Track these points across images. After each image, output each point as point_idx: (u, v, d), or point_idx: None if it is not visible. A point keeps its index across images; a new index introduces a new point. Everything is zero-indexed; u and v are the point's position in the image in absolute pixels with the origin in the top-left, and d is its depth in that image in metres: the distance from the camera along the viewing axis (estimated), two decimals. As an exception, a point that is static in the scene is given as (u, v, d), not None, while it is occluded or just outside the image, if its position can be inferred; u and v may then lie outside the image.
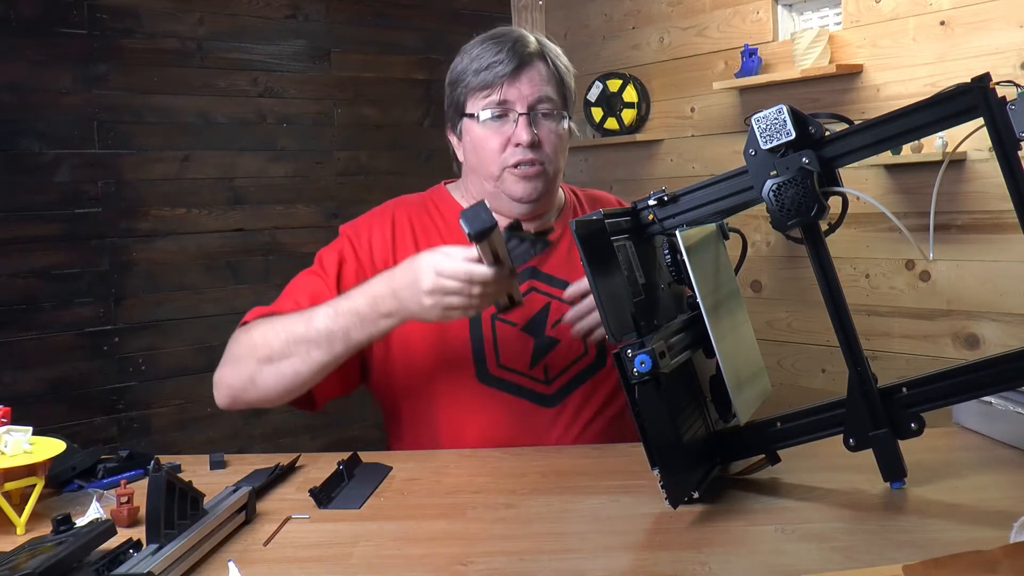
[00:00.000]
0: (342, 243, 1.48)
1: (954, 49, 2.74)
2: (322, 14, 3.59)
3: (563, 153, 1.47)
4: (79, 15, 3.03)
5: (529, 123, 1.41)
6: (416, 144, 3.80)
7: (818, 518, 1.05)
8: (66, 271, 3.02)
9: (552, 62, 1.44)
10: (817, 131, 1.06)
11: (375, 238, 1.47)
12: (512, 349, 1.42)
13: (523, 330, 1.44)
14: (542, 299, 1.46)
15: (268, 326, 1.32)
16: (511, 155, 1.42)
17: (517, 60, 1.41)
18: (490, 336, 1.42)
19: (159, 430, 3.20)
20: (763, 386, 1.23)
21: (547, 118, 1.43)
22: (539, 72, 1.42)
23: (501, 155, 1.42)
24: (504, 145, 1.42)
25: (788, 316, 3.27)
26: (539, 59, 1.43)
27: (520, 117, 1.41)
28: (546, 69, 1.43)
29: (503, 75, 1.40)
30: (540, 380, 1.42)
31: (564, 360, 1.43)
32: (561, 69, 1.45)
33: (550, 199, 1.49)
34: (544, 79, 1.43)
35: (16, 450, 1.11)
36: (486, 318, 1.43)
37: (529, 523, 1.07)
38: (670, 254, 1.16)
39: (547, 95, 1.42)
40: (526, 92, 1.41)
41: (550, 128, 1.43)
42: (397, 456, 1.35)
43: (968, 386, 1.07)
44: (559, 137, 1.44)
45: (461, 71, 1.45)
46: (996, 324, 2.72)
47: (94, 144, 3.08)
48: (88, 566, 0.87)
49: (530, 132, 1.40)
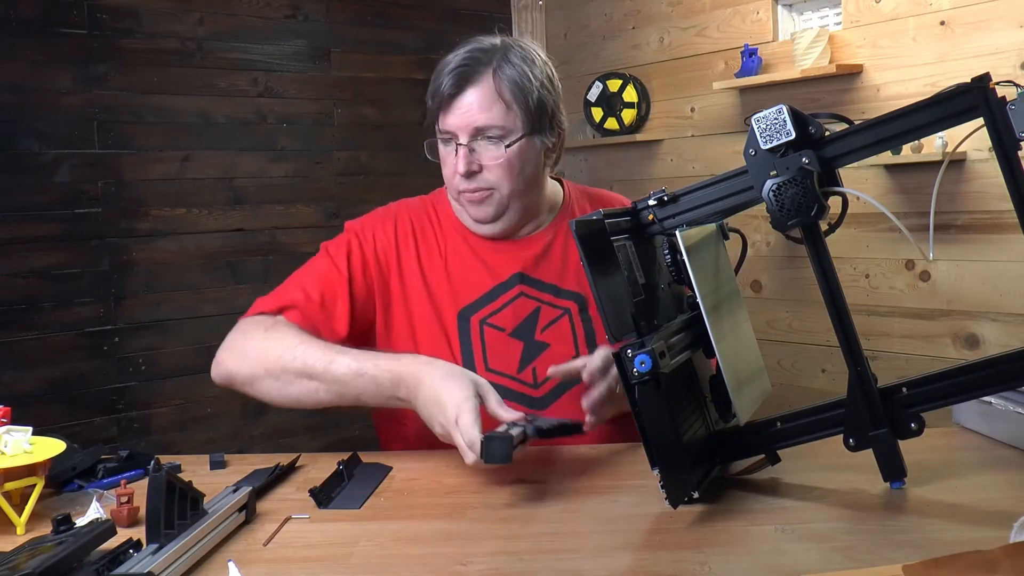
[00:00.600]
0: (348, 238, 1.49)
1: (954, 49, 2.74)
2: (322, 14, 3.59)
3: (519, 173, 1.42)
4: (79, 15, 3.03)
5: (468, 152, 1.39)
6: (416, 144, 3.72)
7: (818, 518, 1.05)
8: (66, 271, 3.02)
9: (504, 77, 1.38)
10: (817, 131, 1.06)
11: (379, 238, 1.49)
12: (500, 353, 1.42)
13: (511, 335, 1.44)
14: (531, 304, 1.46)
15: (288, 342, 1.33)
16: (458, 182, 1.42)
17: (455, 84, 1.38)
18: (478, 340, 1.43)
19: (159, 430, 3.20)
20: (763, 386, 1.23)
21: (490, 142, 1.40)
22: (478, 96, 1.38)
23: (453, 180, 1.44)
24: (454, 170, 1.42)
25: (788, 316, 3.27)
26: (483, 80, 1.38)
27: (459, 148, 1.40)
28: (489, 89, 1.38)
29: (441, 103, 1.40)
30: (528, 384, 1.42)
31: (554, 364, 1.42)
32: (522, 84, 1.39)
33: (516, 216, 1.46)
34: (485, 102, 1.38)
35: (16, 450, 1.11)
36: (475, 322, 1.44)
37: (529, 523, 1.07)
38: (670, 254, 1.16)
39: (486, 123, 1.38)
40: (462, 121, 1.39)
41: (494, 154, 1.40)
42: (397, 456, 1.35)
43: (968, 386, 1.07)
44: (507, 161, 1.40)
45: (430, 85, 1.44)
46: (996, 324, 2.72)
47: (94, 144, 3.08)
48: (88, 566, 0.87)
49: (467, 163, 1.39)
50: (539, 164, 1.46)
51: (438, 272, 1.47)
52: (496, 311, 1.45)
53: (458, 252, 1.48)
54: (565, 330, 1.44)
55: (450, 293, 1.46)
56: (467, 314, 1.44)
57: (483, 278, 1.47)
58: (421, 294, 1.46)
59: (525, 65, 1.40)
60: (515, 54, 1.41)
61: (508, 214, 1.45)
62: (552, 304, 1.46)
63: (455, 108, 1.39)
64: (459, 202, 1.47)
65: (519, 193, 1.44)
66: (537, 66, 1.42)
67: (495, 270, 1.47)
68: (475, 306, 1.45)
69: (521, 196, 1.45)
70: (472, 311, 1.45)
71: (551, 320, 1.45)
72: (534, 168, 1.45)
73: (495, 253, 1.48)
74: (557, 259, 1.49)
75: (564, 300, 1.46)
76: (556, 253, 1.49)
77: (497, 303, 1.45)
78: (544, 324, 1.44)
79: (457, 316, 1.44)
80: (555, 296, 1.47)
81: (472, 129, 1.39)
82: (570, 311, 1.46)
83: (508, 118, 1.39)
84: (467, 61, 1.40)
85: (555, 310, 1.46)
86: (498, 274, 1.47)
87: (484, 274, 1.47)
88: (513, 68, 1.40)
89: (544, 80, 1.43)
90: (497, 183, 1.41)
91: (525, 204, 1.46)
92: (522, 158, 1.42)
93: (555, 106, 1.45)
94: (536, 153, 1.44)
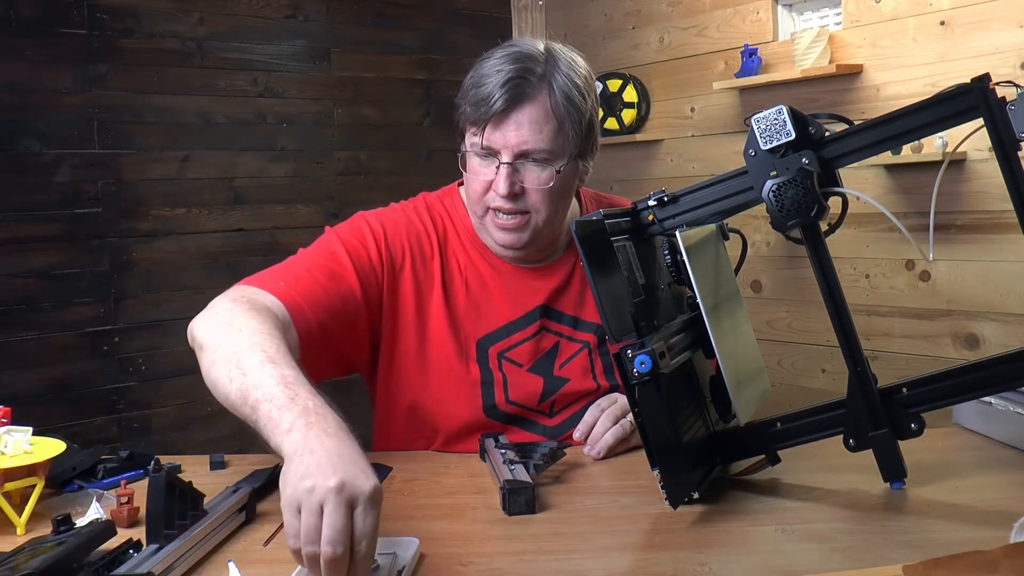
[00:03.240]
0: (363, 233, 1.39)
1: (954, 49, 2.74)
2: (322, 14, 3.59)
3: (559, 197, 1.35)
4: (79, 15, 3.03)
5: (511, 173, 1.31)
6: (416, 144, 3.80)
7: (818, 518, 1.05)
8: (66, 271, 3.02)
9: (559, 95, 1.30)
10: (817, 131, 1.06)
11: (396, 236, 1.40)
12: (521, 387, 1.39)
13: (530, 370, 1.40)
14: (551, 339, 1.41)
15: (243, 335, 1.11)
16: (492, 199, 1.34)
17: (507, 100, 1.29)
18: (499, 372, 1.38)
19: (159, 430, 3.20)
20: (763, 386, 1.23)
21: (537, 164, 1.32)
22: (532, 115, 1.30)
23: (484, 196, 1.35)
24: (487, 187, 1.34)
25: (788, 316, 3.27)
26: (538, 97, 1.30)
27: (502, 166, 1.31)
28: (544, 109, 1.30)
29: (488, 117, 1.30)
30: (545, 413, 1.40)
31: (572, 397, 1.40)
32: (577, 103, 1.31)
33: (544, 241, 1.41)
34: (539, 123, 1.30)
35: (16, 450, 1.11)
36: (493, 354, 1.39)
37: (529, 523, 1.07)
38: (670, 254, 1.16)
39: (536, 145, 1.30)
40: (512, 141, 1.30)
41: (538, 177, 1.32)
42: (397, 456, 1.35)
43: (968, 386, 1.07)
44: (550, 186, 1.32)
45: (465, 90, 1.34)
46: (996, 324, 2.72)
47: (94, 144, 3.08)
48: (88, 566, 0.87)
49: (509, 184, 1.31)
50: (575, 187, 1.41)
51: (459, 292, 1.40)
52: (516, 344, 1.40)
53: (480, 275, 1.41)
54: (584, 365, 1.41)
55: (470, 318, 1.40)
56: (485, 344, 1.39)
57: (504, 308, 1.41)
58: (440, 311, 1.39)
59: (577, 78, 1.32)
60: (563, 63, 1.33)
61: (536, 241, 1.38)
62: (571, 338, 1.42)
63: (504, 125, 1.30)
64: (484, 221, 1.38)
65: (553, 219, 1.37)
66: (586, 79, 1.35)
67: (518, 301, 1.41)
68: (494, 337, 1.40)
69: (554, 221, 1.38)
70: (491, 342, 1.39)
71: (570, 356, 1.41)
72: (571, 192, 1.40)
73: (517, 280, 1.42)
74: (576, 289, 1.44)
75: (583, 333, 1.42)
76: (576, 283, 1.44)
77: (517, 337, 1.40)
78: (563, 360, 1.41)
79: (476, 344, 1.39)
80: (574, 329, 1.42)
81: (523, 150, 1.30)
82: (589, 345, 1.42)
83: (558, 141, 1.31)
84: (521, 73, 1.30)
85: (574, 344, 1.42)
86: (520, 305, 1.41)
87: (505, 304, 1.41)
88: (566, 82, 1.31)
89: (594, 97, 1.36)
90: (536, 207, 1.34)
91: (554, 228, 1.40)
92: (565, 183, 1.35)
93: (599, 125, 1.39)
94: (575, 177, 1.38)
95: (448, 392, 1.38)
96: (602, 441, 1.29)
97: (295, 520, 0.84)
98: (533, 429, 1.39)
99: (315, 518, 0.83)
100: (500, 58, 1.33)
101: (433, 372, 1.39)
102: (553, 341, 1.42)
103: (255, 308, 1.20)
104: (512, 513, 1.09)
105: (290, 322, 1.25)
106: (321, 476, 0.84)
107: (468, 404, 1.37)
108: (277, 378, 1.00)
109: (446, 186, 1.51)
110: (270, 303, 1.25)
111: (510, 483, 1.10)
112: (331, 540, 0.82)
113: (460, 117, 1.36)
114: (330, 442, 0.89)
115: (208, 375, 1.12)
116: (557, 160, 1.32)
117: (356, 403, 1.51)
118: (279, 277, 1.31)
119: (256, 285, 1.29)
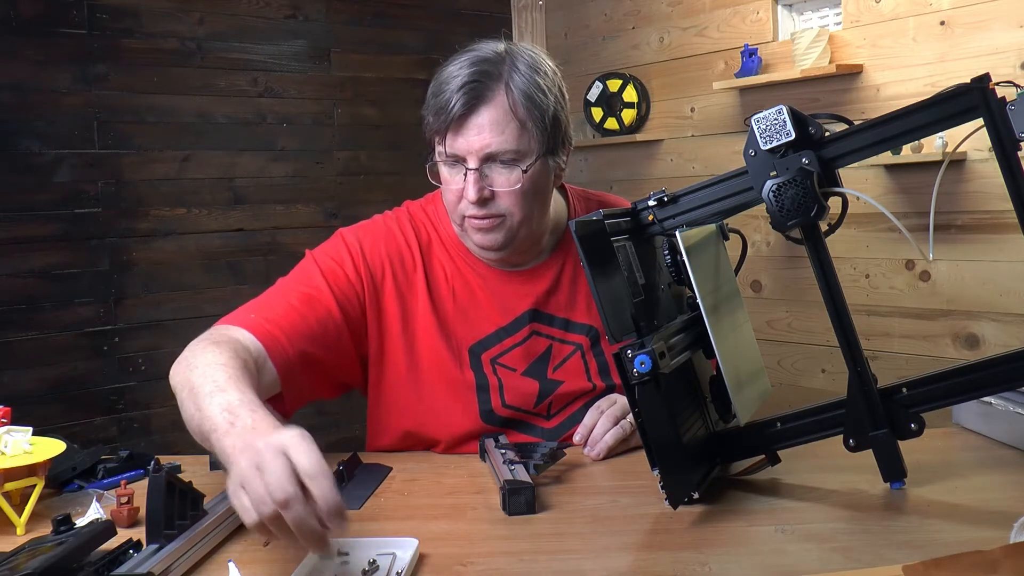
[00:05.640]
0: (340, 252, 1.39)
1: (954, 49, 2.74)
2: (322, 14, 3.59)
3: (532, 197, 1.33)
4: (79, 15, 3.03)
5: (479, 178, 1.29)
6: (416, 144, 3.73)
7: (818, 518, 1.05)
8: (66, 271, 3.02)
9: (517, 94, 1.29)
10: (817, 131, 1.06)
11: (375, 251, 1.40)
12: (517, 391, 1.38)
13: (524, 374, 1.39)
14: (543, 342, 1.41)
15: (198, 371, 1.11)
16: (465, 207, 1.32)
17: (465, 104, 1.27)
18: (494, 378, 1.38)
19: (159, 430, 3.20)
20: (763, 386, 1.23)
21: (504, 166, 1.30)
22: (492, 117, 1.28)
23: (458, 205, 1.33)
24: (460, 195, 1.32)
25: (788, 316, 3.27)
26: (496, 98, 1.28)
27: (469, 173, 1.29)
28: (503, 110, 1.28)
29: (449, 123, 1.28)
30: (542, 415, 1.40)
31: (568, 398, 1.40)
32: (537, 99, 1.29)
33: (525, 243, 1.39)
34: (499, 124, 1.28)
35: (16, 450, 1.11)
36: (486, 360, 1.39)
37: (529, 523, 1.07)
38: (670, 254, 1.16)
39: (500, 147, 1.28)
40: (475, 145, 1.28)
41: (507, 179, 1.30)
42: (397, 456, 1.35)
43: (968, 386, 1.07)
44: (522, 188, 1.30)
45: (427, 101, 1.33)
46: (996, 324, 2.72)
47: (94, 144, 3.08)
48: (88, 566, 0.87)
49: (478, 190, 1.29)
50: (550, 185, 1.38)
51: (446, 301, 1.40)
52: (507, 350, 1.39)
53: (466, 282, 1.41)
54: (578, 366, 1.41)
55: (459, 326, 1.39)
56: (478, 351, 1.39)
57: (492, 314, 1.40)
58: (428, 321, 1.38)
59: (537, 76, 1.31)
60: (522, 62, 1.31)
61: (516, 241, 1.37)
62: (563, 340, 1.41)
63: (465, 130, 1.29)
64: (463, 228, 1.37)
65: (530, 219, 1.35)
66: (548, 76, 1.33)
67: (506, 305, 1.41)
68: (485, 343, 1.39)
69: (531, 221, 1.36)
70: (482, 348, 1.39)
71: (563, 358, 1.41)
72: (546, 191, 1.37)
73: (504, 285, 1.42)
74: (566, 291, 1.43)
75: (575, 335, 1.42)
76: (565, 284, 1.43)
77: (508, 342, 1.40)
78: (556, 363, 1.40)
79: (468, 351, 1.39)
80: (565, 331, 1.42)
81: (487, 153, 1.29)
82: (582, 346, 1.41)
83: (523, 140, 1.30)
84: (476, 76, 1.29)
85: (567, 346, 1.41)
86: (509, 310, 1.41)
87: (493, 310, 1.40)
88: (525, 80, 1.30)
89: (557, 93, 1.34)
90: (509, 210, 1.32)
91: (533, 228, 1.38)
92: (536, 182, 1.33)
93: (567, 120, 1.37)
94: (548, 174, 1.36)
95: (444, 400, 1.37)
96: (602, 442, 1.29)
97: (245, 499, 0.85)
98: (532, 432, 1.39)
99: (257, 481, 0.84)
100: (457, 64, 1.32)
101: (427, 382, 1.38)
102: (545, 344, 1.41)
103: (216, 343, 1.20)
104: (512, 513, 1.09)
105: (264, 353, 1.25)
106: (246, 451, 0.87)
107: (465, 410, 1.37)
108: (223, 406, 1.01)
109: (429, 193, 1.49)
110: (240, 336, 1.25)
111: (510, 483, 1.11)
112: (275, 485, 0.82)
113: (425, 128, 1.34)
114: (250, 433, 0.92)
115: (183, 417, 1.13)
116: (524, 160, 1.31)
117: (355, 403, 1.52)
118: (251, 310, 1.31)
119: (229, 323, 1.29)
